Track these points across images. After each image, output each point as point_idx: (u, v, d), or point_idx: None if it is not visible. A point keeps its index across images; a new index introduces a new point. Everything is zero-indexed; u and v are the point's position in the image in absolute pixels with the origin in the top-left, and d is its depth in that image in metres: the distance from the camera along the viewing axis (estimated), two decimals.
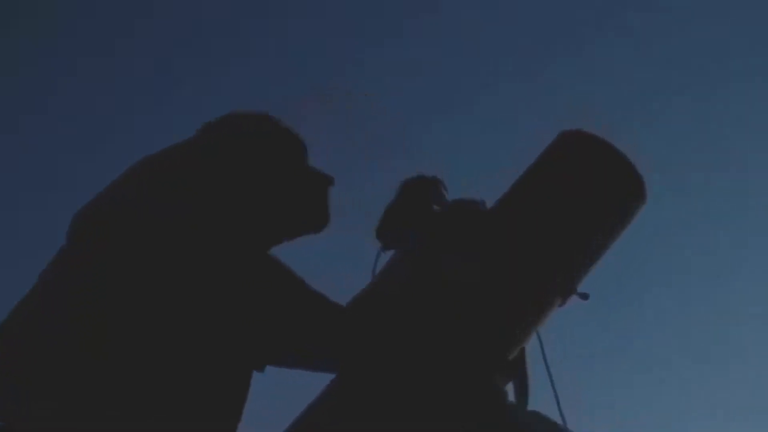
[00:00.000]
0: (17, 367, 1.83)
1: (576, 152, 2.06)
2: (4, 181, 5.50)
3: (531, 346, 2.03)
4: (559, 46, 5.54)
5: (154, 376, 1.79)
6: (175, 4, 5.79)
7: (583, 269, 2.02)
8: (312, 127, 2.23)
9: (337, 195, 2.25)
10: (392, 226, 2.13)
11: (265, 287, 1.87)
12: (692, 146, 5.49)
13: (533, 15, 5.59)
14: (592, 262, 2.03)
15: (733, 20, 5.39)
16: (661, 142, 5.21)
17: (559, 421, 1.98)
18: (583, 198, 2.02)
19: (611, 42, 5.57)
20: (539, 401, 2.00)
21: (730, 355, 5.36)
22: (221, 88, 5.56)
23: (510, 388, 1.99)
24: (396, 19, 5.66)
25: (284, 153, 2.12)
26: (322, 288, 1.98)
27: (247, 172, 2.06)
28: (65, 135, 5.63)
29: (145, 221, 1.88)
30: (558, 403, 1.99)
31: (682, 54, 5.47)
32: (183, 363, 1.81)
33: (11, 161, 5.55)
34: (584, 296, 2.00)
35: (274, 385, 2.09)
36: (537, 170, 2.08)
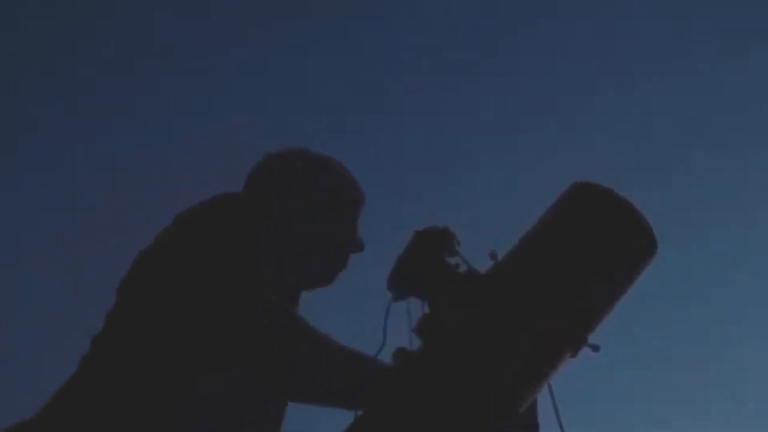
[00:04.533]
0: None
1: (587, 205, 2.06)
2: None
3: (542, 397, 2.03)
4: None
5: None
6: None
7: (594, 321, 2.01)
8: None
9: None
10: (404, 277, 2.13)
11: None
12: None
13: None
14: (603, 314, 2.02)
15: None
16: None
17: None
18: (594, 251, 2.02)
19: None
20: None
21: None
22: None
23: None
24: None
25: (329, 206, 2.17)
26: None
27: (288, 224, 2.10)
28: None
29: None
30: None
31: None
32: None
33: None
34: (595, 348, 1.99)
35: None
36: (548, 223, 2.08)
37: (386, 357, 2.09)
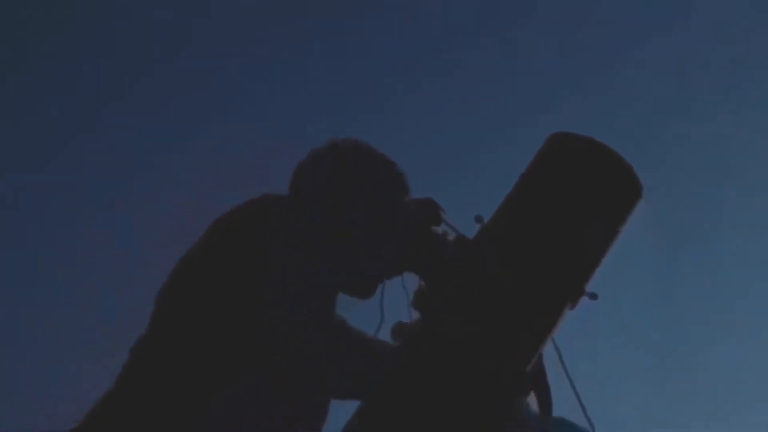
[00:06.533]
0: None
1: (566, 154, 2.05)
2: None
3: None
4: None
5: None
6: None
7: (589, 270, 1.99)
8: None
9: None
10: None
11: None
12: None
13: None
14: (597, 262, 2.00)
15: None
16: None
17: (584, 424, 1.97)
18: (579, 199, 2.00)
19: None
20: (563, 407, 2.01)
21: None
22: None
23: (532, 398, 1.98)
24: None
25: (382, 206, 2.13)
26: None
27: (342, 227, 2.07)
28: None
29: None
30: (582, 407, 1.98)
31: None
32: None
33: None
34: (593, 296, 1.98)
35: None
36: (530, 178, 2.06)
37: (385, 333, 2.10)
